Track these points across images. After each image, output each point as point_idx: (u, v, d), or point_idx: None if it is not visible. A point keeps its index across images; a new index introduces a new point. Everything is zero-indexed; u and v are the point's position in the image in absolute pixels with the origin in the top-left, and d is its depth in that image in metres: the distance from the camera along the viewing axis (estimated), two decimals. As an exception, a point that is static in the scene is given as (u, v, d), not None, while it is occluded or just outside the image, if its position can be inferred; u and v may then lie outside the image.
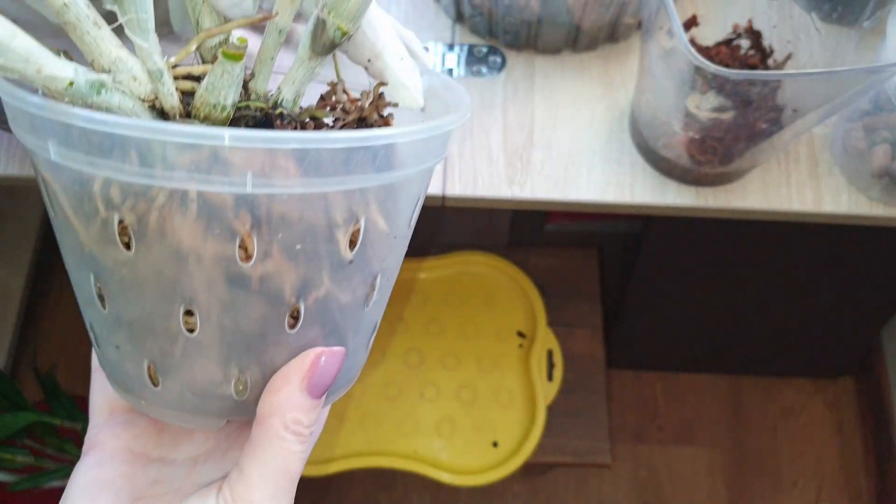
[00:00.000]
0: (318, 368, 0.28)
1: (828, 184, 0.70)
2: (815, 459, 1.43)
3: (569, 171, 0.70)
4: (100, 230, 0.26)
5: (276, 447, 0.27)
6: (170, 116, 0.26)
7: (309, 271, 0.27)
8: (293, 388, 0.27)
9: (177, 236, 0.25)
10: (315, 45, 0.27)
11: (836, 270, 1.06)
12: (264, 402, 0.28)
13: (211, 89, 0.26)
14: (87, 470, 0.31)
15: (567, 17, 0.69)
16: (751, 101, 0.55)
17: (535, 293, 1.13)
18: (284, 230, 0.25)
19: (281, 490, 0.28)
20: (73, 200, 0.26)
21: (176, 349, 0.28)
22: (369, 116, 0.31)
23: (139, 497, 0.31)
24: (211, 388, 0.29)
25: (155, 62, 0.25)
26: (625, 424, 1.46)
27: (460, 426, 1.06)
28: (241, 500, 0.28)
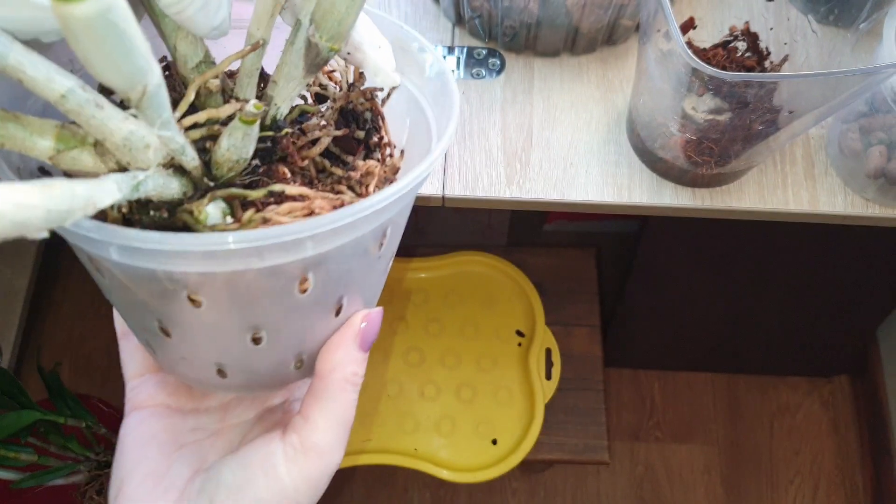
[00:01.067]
0: (366, 328, 0.33)
1: (823, 184, 0.70)
2: (811, 457, 1.44)
3: (567, 172, 0.71)
4: (165, 297, 0.28)
5: (338, 396, 0.32)
6: (193, 176, 0.28)
7: (351, 276, 0.31)
8: (349, 347, 0.32)
9: (243, 290, 0.28)
10: (308, 66, 0.29)
11: (831, 270, 1.06)
12: (325, 360, 0.33)
13: (234, 150, 0.27)
14: (132, 428, 0.35)
15: (565, 20, 0.70)
16: (747, 103, 0.56)
17: (534, 293, 1.14)
18: (335, 262, 0.29)
19: (340, 433, 0.33)
20: (134, 280, 0.28)
21: (244, 357, 0.32)
22: (356, 102, 0.33)
23: (182, 444, 0.35)
24: (275, 370, 0.33)
25: (178, 142, 0.26)
26: (622, 422, 1.47)
27: (460, 424, 1.07)
28: (309, 442, 0.32)
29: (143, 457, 0.34)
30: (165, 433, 0.35)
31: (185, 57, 0.29)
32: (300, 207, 0.28)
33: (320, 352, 0.33)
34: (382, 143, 0.35)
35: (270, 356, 0.32)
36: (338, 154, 0.33)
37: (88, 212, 0.23)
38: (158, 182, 0.26)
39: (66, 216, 0.22)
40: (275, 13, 0.28)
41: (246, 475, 0.32)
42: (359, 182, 0.32)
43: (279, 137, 0.30)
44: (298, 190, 0.28)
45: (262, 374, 0.33)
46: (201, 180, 0.28)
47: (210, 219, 0.27)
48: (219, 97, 0.30)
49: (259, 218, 0.27)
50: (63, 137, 0.25)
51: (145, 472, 0.33)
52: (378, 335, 0.34)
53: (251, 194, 0.28)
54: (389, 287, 1.15)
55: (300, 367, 0.34)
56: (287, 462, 0.32)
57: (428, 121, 0.36)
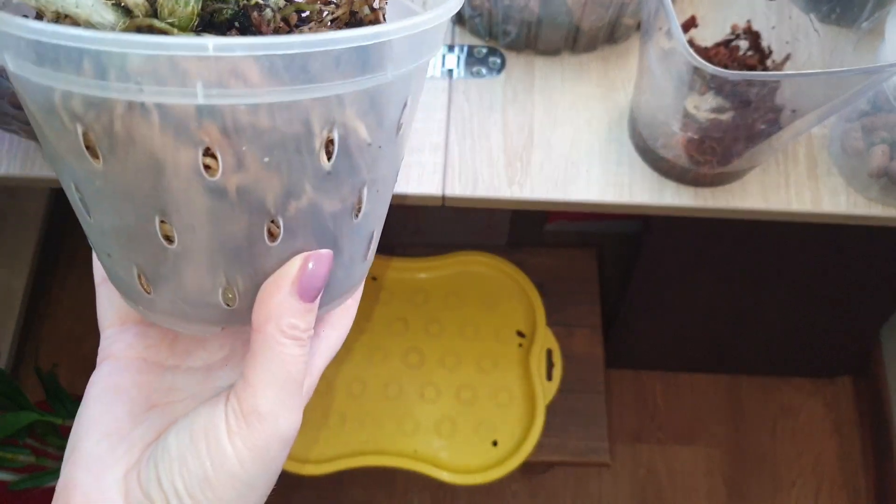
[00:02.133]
0: (306, 272, 0.28)
1: (826, 184, 0.70)
2: (814, 459, 1.43)
3: (568, 172, 0.70)
4: (68, 142, 0.25)
5: (275, 353, 0.28)
6: (134, 14, 0.25)
7: (287, 182, 0.26)
8: (284, 294, 0.28)
9: (142, 147, 0.24)
10: None
11: (834, 270, 1.06)
12: (258, 310, 0.28)
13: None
14: (101, 379, 0.31)
15: (566, 18, 0.69)
16: (749, 102, 0.56)
17: (535, 293, 1.14)
18: (253, 140, 0.24)
19: (285, 394, 0.28)
20: (40, 112, 0.25)
21: (159, 258, 0.27)
22: (360, 10, 0.30)
23: (154, 404, 0.31)
24: (200, 296, 0.28)
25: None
26: (624, 424, 1.46)
27: (460, 425, 1.06)
28: (248, 407, 0.28)
29: (106, 412, 0.31)
30: (137, 389, 0.31)
31: None
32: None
33: (259, 300, 0.28)
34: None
35: (190, 269, 0.27)
36: None
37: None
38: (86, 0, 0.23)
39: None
40: None
41: (189, 444, 0.28)
42: None
43: (248, 7, 0.26)
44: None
45: (187, 297, 0.28)
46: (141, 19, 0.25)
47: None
48: None
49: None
50: None
51: (106, 430, 0.30)
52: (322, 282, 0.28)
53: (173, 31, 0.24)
54: (389, 287, 1.15)
55: (232, 305, 0.29)
56: (229, 430, 0.28)
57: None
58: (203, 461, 0.28)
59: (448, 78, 0.74)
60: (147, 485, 0.29)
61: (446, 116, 0.73)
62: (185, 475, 0.28)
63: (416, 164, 0.70)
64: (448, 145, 0.71)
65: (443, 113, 0.73)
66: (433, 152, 0.71)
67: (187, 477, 0.28)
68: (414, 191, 0.69)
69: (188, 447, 0.28)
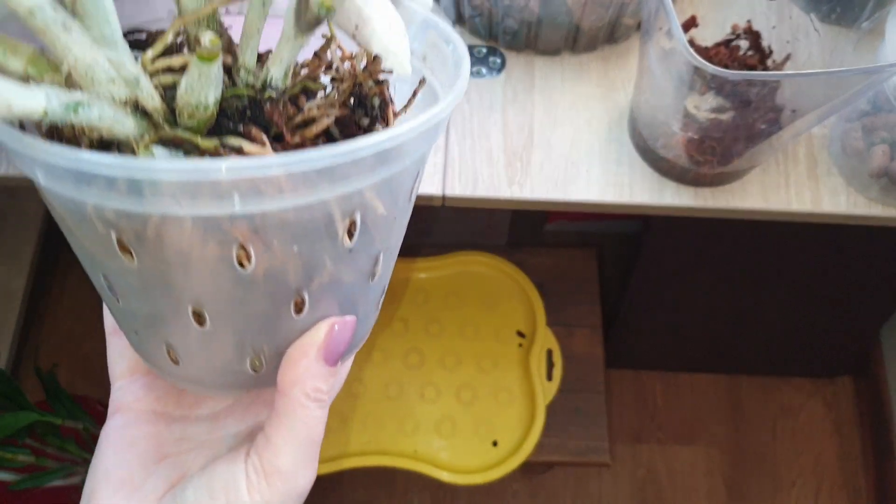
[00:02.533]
0: (332, 338, 0.29)
1: (826, 184, 0.70)
2: (814, 459, 1.43)
3: (568, 172, 0.70)
4: (101, 243, 0.26)
5: (299, 415, 0.29)
6: (153, 118, 0.26)
7: (311, 263, 0.27)
8: (310, 360, 0.29)
9: (177, 247, 0.25)
10: (300, 23, 0.26)
11: (834, 270, 1.06)
12: (284, 374, 0.29)
13: (190, 91, 0.25)
14: (113, 431, 0.33)
15: (566, 18, 0.69)
16: (750, 102, 0.56)
17: (535, 293, 1.14)
18: (282, 233, 0.25)
19: (306, 454, 0.30)
20: (70, 217, 0.26)
21: (190, 339, 0.29)
22: (364, 83, 0.31)
23: (166, 454, 0.33)
24: (228, 366, 0.30)
25: (129, 71, 0.24)
26: (624, 424, 1.46)
27: (460, 425, 1.06)
28: (270, 466, 0.29)
29: (120, 464, 0.32)
30: (148, 441, 0.33)
31: (188, 10, 0.27)
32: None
33: (282, 362, 0.30)
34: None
35: (219, 345, 0.29)
36: (337, 138, 0.30)
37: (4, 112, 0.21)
38: (107, 113, 0.24)
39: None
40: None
41: (209, 499, 0.30)
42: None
43: (262, 100, 0.27)
44: (259, 150, 0.25)
45: (215, 367, 0.30)
46: (162, 126, 0.26)
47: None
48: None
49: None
50: (37, 62, 0.23)
51: (120, 480, 0.31)
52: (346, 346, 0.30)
53: (201, 142, 0.25)
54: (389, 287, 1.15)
55: (259, 371, 0.30)
56: (249, 486, 0.29)
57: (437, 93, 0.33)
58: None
59: (448, 78, 0.74)
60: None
61: (446, 116, 0.73)
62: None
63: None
64: (448, 145, 0.71)
65: (443, 113, 0.73)
66: (433, 152, 0.71)
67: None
68: (414, 191, 0.69)
69: (207, 501, 0.29)
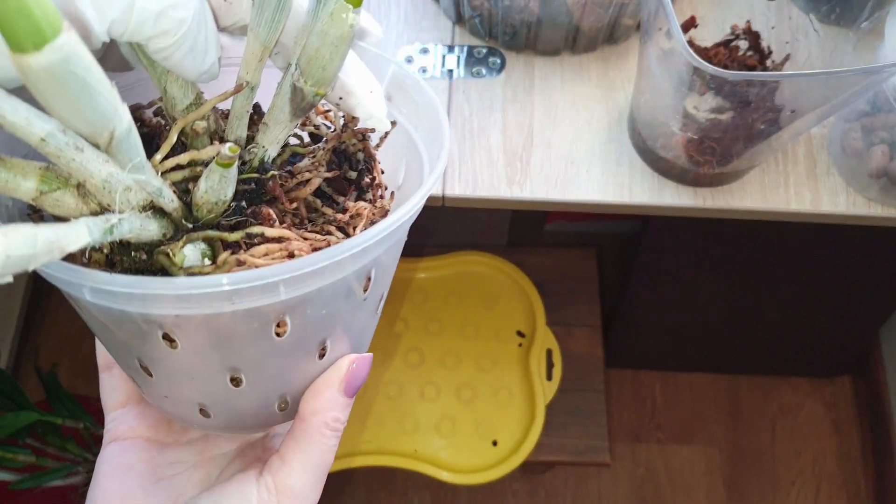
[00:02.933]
0: (352, 373, 0.32)
1: (826, 184, 0.70)
2: (813, 458, 1.43)
3: (568, 172, 0.70)
4: (142, 337, 0.28)
5: (317, 442, 0.32)
6: (173, 218, 0.28)
7: (335, 318, 0.31)
8: (333, 392, 0.32)
9: (221, 331, 0.28)
10: (295, 110, 0.29)
11: (833, 270, 1.06)
12: (307, 403, 0.32)
13: (211, 192, 0.27)
14: (110, 457, 0.35)
15: (566, 18, 0.69)
16: (749, 102, 0.56)
17: (535, 293, 1.14)
18: (314, 304, 0.29)
19: (316, 478, 0.32)
20: (111, 320, 0.28)
21: (223, 398, 0.32)
22: (348, 142, 0.34)
23: (161, 477, 0.35)
24: (258, 412, 0.33)
25: (153, 185, 0.26)
26: (623, 423, 1.46)
27: (460, 425, 1.06)
28: (283, 485, 0.32)
29: (119, 489, 0.33)
30: (143, 465, 0.35)
31: (175, 99, 0.29)
32: (277, 249, 0.28)
33: (304, 394, 0.32)
34: (374, 184, 0.35)
35: (252, 398, 0.32)
36: (330, 194, 0.33)
37: (55, 256, 0.23)
38: (135, 224, 0.26)
39: (29, 261, 0.22)
40: (263, 57, 0.28)
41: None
42: (347, 223, 0.32)
43: (264, 180, 0.30)
44: (278, 232, 0.28)
45: (245, 415, 0.33)
46: (181, 222, 0.28)
47: (187, 261, 0.27)
48: (205, 139, 0.30)
49: (234, 260, 0.27)
50: (46, 179, 0.25)
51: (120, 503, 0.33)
52: (363, 380, 0.33)
53: (228, 237, 0.28)
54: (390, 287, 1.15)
55: (285, 409, 0.34)
56: (260, 502, 0.32)
57: (421, 157, 0.36)
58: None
59: (448, 78, 0.75)
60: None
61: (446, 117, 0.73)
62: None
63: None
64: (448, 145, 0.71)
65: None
66: (433, 152, 0.71)
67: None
68: (414, 191, 0.69)
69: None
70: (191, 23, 0.25)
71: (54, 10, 0.19)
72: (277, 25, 0.27)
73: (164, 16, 0.24)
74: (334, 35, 0.27)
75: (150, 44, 0.25)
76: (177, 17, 0.24)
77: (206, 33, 0.26)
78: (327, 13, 0.26)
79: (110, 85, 0.22)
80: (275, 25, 0.27)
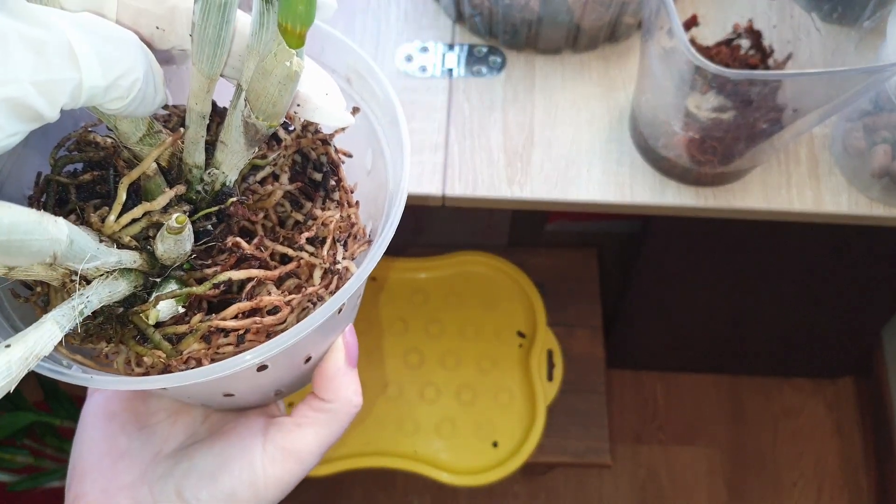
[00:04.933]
0: (349, 347, 0.35)
1: (828, 184, 0.70)
2: (815, 459, 1.43)
3: (569, 171, 0.70)
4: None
5: (338, 421, 0.34)
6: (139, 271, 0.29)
7: (312, 343, 0.33)
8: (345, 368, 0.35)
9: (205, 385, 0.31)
10: (249, 141, 0.29)
11: (836, 270, 1.06)
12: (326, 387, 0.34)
13: (170, 251, 0.28)
14: (93, 408, 0.36)
15: (567, 17, 0.69)
16: (751, 101, 0.55)
17: (535, 293, 1.13)
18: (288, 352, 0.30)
19: (326, 448, 0.34)
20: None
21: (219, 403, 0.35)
22: (307, 147, 0.34)
23: (144, 425, 0.36)
24: (252, 404, 0.36)
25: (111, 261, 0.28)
26: (625, 425, 1.46)
27: (460, 426, 1.06)
28: (292, 446, 0.34)
29: (103, 434, 0.35)
30: (127, 413, 0.36)
31: (127, 134, 0.29)
32: (249, 307, 0.29)
33: (318, 377, 0.35)
34: (340, 186, 0.35)
35: (247, 400, 0.35)
36: (297, 197, 0.34)
37: (33, 365, 0.24)
38: (104, 293, 0.28)
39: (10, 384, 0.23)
40: (211, 88, 0.28)
41: (223, 462, 0.33)
42: (317, 239, 0.33)
43: (226, 210, 0.30)
44: (245, 273, 0.30)
45: (242, 406, 0.36)
46: (151, 271, 0.29)
47: (162, 315, 0.29)
48: (158, 179, 0.30)
49: (205, 327, 0.29)
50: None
51: (106, 448, 0.34)
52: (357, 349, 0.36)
53: (195, 291, 0.29)
54: (389, 287, 1.15)
55: (279, 394, 0.36)
56: (264, 458, 0.33)
57: (383, 150, 0.36)
58: (233, 478, 0.33)
59: (448, 77, 0.74)
60: (161, 496, 0.33)
61: (446, 116, 0.72)
62: (212, 490, 0.32)
63: (416, 163, 0.70)
64: (448, 145, 0.71)
65: (443, 112, 0.72)
66: (433, 152, 0.71)
67: (215, 492, 0.32)
68: (414, 191, 0.69)
69: (221, 467, 0.33)
70: (142, 81, 0.25)
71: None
72: (220, 59, 0.27)
73: (115, 86, 0.24)
74: (280, 75, 0.26)
75: (101, 107, 0.25)
76: (127, 84, 0.24)
77: (154, 79, 0.26)
78: (270, 53, 0.26)
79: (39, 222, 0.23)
80: (217, 60, 0.27)
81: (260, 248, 0.31)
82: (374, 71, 0.36)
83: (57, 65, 0.21)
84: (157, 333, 0.29)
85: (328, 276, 0.32)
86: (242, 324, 0.29)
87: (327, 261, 0.32)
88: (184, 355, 0.29)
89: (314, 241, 0.33)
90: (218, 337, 0.30)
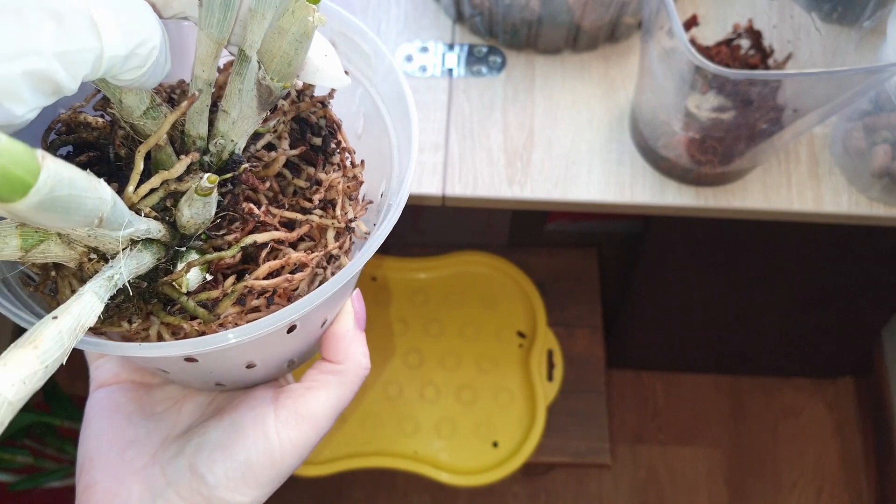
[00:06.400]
0: (358, 311, 0.36)
1: (828, 184, 0.69)
2: (815, 459, 1.43)
3: (569, 171, 0.70)
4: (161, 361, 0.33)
5: (350, 382, 0.35)
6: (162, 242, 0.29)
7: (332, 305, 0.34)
8: (355, 332, 0.35)
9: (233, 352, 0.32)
10: (262, 104, 0.29)
11: (836, 270, 1.06)
12: (336, 349, 0.35)
13: (197, 216, 0.29)
14: (98, 401, 0.36)
15: (567, 17, 0.69)
16: (751, 101, 0.55)
17: (535, 293, 1.13)
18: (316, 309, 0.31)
19: (338, 411, 0.34)
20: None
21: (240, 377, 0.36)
22: (305, 112, 0.34)
23: (150, 414, 0.36)
24: (269, 377, 0.37)
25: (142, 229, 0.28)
26: (625, 425, 1.46)
27: (460, 426, 1.06)
28: (305, 409, 0.33)
29: (109, 425, 0.34)
30: (132, 404, 0.36)
31: (131, 108, 0.29)
32: (279, 265, 0.30)
33: (329, 339, 0.35)
34: (341, 148, 0.35)
35: (264, 372, 0.35)
36: (297, 163, 0.34)
37: (79, 337, 0.24)
38: (132, 265, 0.28)
39: (63, 356, 0.23)
40: (218, 54, 0.28)
41: (235, 433, 0.33)
42: (325, 200, 0.33)
43: (238, 176, 0.31)
44: (269, 235, 0.30)
45: (257, 380, 0.36)
46: (171, 242, 0.29)
47: (191, 284, 0.29)
48: (168, 148, 0.30)
49: (241, 287, 0.29)
50: (26, 234, 0.26)
51: (114, 438, 0.34)
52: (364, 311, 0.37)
53: (226, 254, 0.29)
54: (389, 287, 1.15)
55: (292, 365, 0.37)
56: (277, 423, 0.33)
57: (381, 114, 0.36)
58: (248, 447, 0.32)
59: (448, 77, 0.74)
60: (174, 475, 0.32)
61: (446, 116, 0.72)
62: (227, 462, 0.32)
63: (416, 163, 0.70)
64: (448, 145, 0.71)
65: (443, 112, 0.72)
66: (433, 152, 0.71)
67: (230, 462, 0.32)
68: (414, 191, 0.69)
69: (233, 438, 0.32)
70: (159, 50, 0.25)
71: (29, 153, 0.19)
72: (229, 23, 0.27)
73: (133, 55, 0.23)
74: (297, 32, 0.26)
75: (116, 77, 0.24)
76: (145, 53, 0.24)
77: (166, 48, 0.26)
78: (287, 10, 0.26)
79: (89, 180, 0.23)
80: (226, 23, 0.27)
81: (268, 216, 0.31)
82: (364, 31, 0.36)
83: (78, 35, 0.21)
84: (192, 301, 0.29)
85: (341, 235, 0.33)
86: (275, 282, 0.30)
87: (342, 221, 0.32)
88: (221, 318, 0.29)
89: (323, 203, 0.33)
90: (251, 298, 0.30)
